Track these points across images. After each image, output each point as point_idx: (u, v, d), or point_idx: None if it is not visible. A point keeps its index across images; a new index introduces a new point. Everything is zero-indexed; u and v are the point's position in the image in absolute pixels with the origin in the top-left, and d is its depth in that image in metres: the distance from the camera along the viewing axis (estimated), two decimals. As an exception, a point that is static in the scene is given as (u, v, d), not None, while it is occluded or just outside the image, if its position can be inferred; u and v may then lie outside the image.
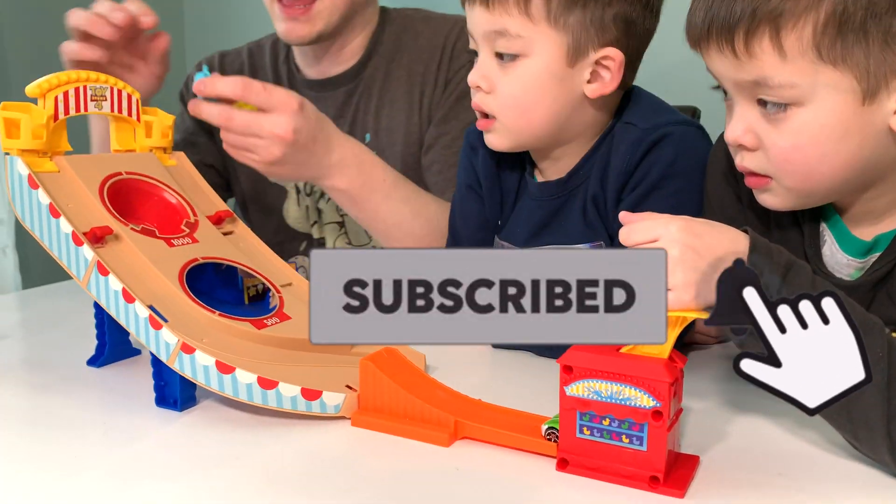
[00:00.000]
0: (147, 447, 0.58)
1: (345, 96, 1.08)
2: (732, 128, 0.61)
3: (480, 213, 0.86)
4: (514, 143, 0.77)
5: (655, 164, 0.72)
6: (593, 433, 0.52)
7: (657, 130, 0.73)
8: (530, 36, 0.71)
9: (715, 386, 0.68)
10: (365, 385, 0.61)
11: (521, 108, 0.73)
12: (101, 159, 0.73)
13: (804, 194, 0.61)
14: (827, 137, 0.57)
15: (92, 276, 0.64)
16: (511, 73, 0.73)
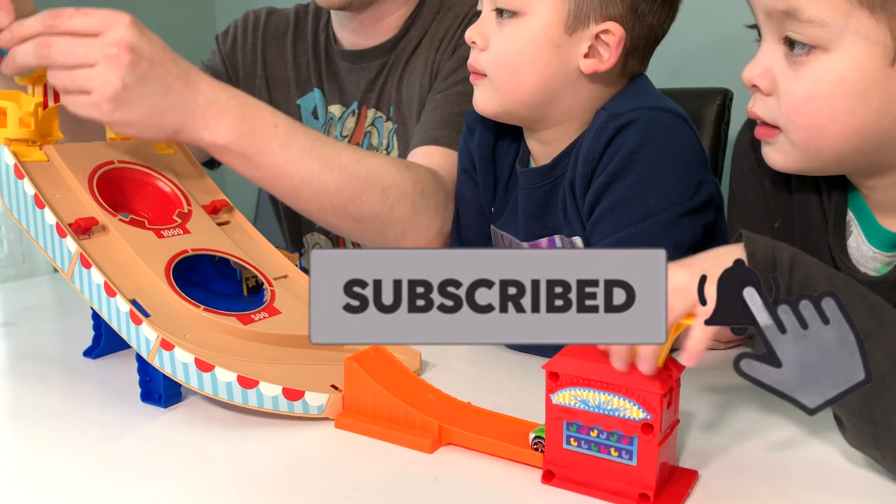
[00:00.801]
0: (126, 444, 0.57)
1: (377, 69, 1.03)
2: (751, 66, 0.58)
3: (475, 197, 0.83)
4: (499, 106, 0.73)
5: (619, 150, 0.68)
6: (581, 445, 0.48)
7: (624, 115, 0.69)
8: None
9: (723, 395, 0.64)
10: (349, 385, 0.59)
11: (511, 68, 0.71)
12: (94, 148, 0.71)
13: (809, 155, 0.56)
14: (845, 93, 0.53)
15: (76, 268, 0.62)
16: (507, 30, 0.71)
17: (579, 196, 0.72)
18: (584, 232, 0.73)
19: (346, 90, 1.05)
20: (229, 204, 0.77)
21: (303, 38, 1.10)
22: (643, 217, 0.68)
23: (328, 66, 1.07)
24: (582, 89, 0.73)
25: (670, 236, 0.69)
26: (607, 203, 0.70)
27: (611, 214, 0.69)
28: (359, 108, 1.05)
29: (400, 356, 0.67)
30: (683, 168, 0.71)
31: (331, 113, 1.06)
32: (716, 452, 0.54)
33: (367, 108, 1.04)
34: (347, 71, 1.05)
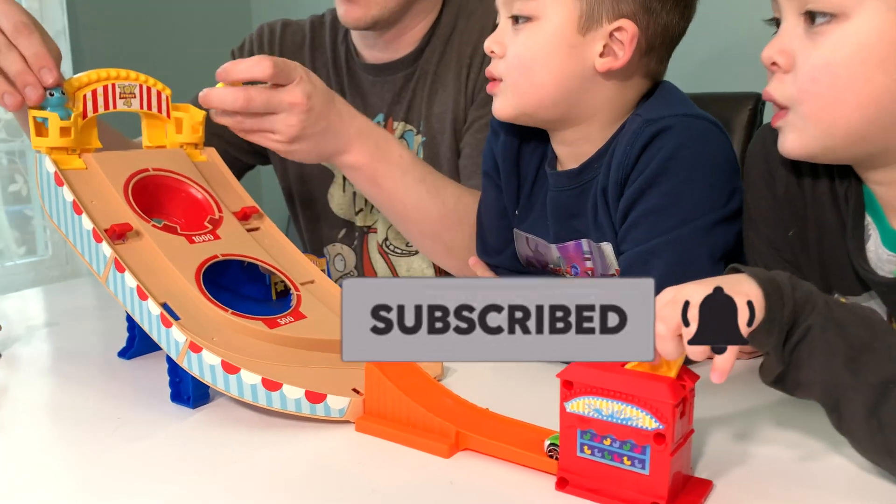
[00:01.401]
0: (154, 443, 0.59)
1: (402, 81, 1.05)
2: (770, 45, 0.58)
3: (498, 200, 0.84)
4: (517, 109, 0.74)
5: (654, 157, 0.69)
6: (594, 453, 0.49)
7: (659, 122, 0.70)
8: (548, 1, 0.70)
9: (743, 405, 0.64)
10: (370, 390, 0.60)
11: (526, 69, 0.72)
12: (130, 156, 0.74)
13: (823, 129, 0.56)
14: (863, 59, 0.53)
15: (110, 272, 0.65)
16: (522, 35, 0.72)
17: (612, 202, 0.73)
18: (614, 238, 0.73)
19: (371, 102, 1.07)
20: (259, 211, 0.79)
21: (321, 51, 1.11)
22: (678, 224, 0.69)
23: (350, 79, 1.09)
24: (599, 88, 0.73)
25: (705, 243, 0.69)
26: (641, 209, 0.70)
27: (645, 221, 0.70)
28: (385, 121, 1.06)
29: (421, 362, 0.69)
30: (717, 176, 0.71)
31: None
32: (733, 462, 0.54)
33: (395, 120, 1.06)
34: (371, 84, 1.07)
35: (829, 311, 0.49)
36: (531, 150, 0.82)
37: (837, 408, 0.49)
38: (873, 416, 0.48)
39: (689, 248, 0.68)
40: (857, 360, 0.48)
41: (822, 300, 0.50)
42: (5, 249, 1.67)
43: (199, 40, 2.00)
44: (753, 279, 0.49)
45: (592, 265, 0.78)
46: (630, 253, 0.70)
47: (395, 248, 1.07)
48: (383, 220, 1.08)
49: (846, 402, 0.49)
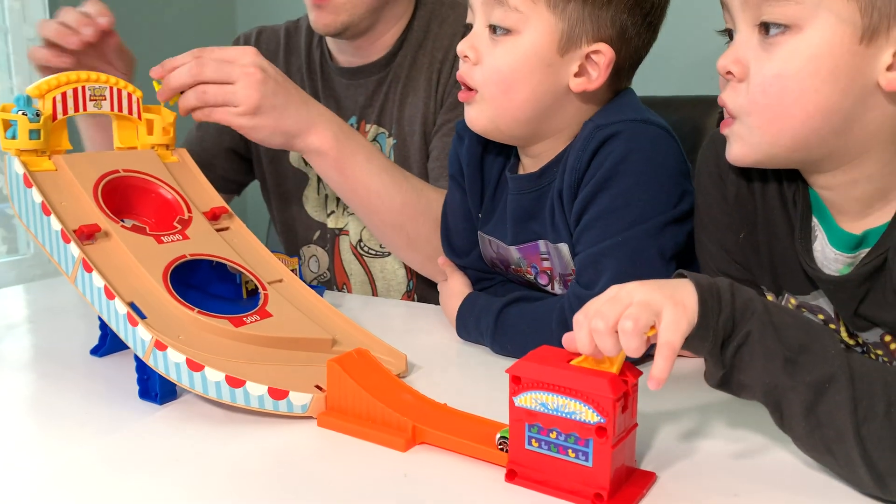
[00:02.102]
0: (120, 437, 0.60)
1: (375, 85, 1.07)
2: (726, 54, 0.60)
3: (463, 202, 0.86)
4: (491, 122, 0.75)
5: (605, 162, 0.70)
6: (541, 446, 0.51)
7: (609, 127, 0.71)
8: (527, 13, 0.70)
9: (693, 401, 0.65)
10: (332, 386, 0.61)
11: (504, 84, 0.72)
12: (100, 157, 0.75)
13: (768, 140, 0.58)
14: (813, 71, 0.55)
15: (78, 272, 0.66)
16: (501, 47, 0.72)
17: (567, 204, 0.75)
18: (570, 239, 0.75)
19: (344, 105, 1.09)
20: (229, 210, 0.80)
21: (295, 55, 1.13)
22: (628, 225, 0.70)
23: (324, 82, 1.10)
24: (569, 106, 0.75)
25: (655, 244, 0.71)
26: (594, 212, 0.72)
27: (597, 223, 0.71)
28: (357, 123, 1.08)
29: (385, 358, 0.71)
30: (667, 178, 0.72)
31: None
32: (678, 456, 0.56)
33: (367, 122, 1.07)
34: (345, 87, 1.09)
35: (768, 316, 0.51)
36: (495, 155, 0.83)
37: (779, 408, 0.51)
38: (811, 415, 0.50)
39: (639, 249, 0.70)
40: (794, 362, 0.50)
41: (762, 305, 0.52)
42: (-12, 248, 1.68)
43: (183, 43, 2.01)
44: (693, 285, 0.51)
45: (550, 265, 0.79)
46: (583, 255, 0.72)
47: (368, 249, 1.09)
48: (355, 221, 1.09)
49: (786, 402, 0.50)
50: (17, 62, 1.66)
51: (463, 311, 0.80)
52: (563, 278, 0.79)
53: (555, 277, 0.80)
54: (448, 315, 0.85)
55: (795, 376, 0.50)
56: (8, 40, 1.66)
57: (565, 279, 0.79)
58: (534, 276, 0.81)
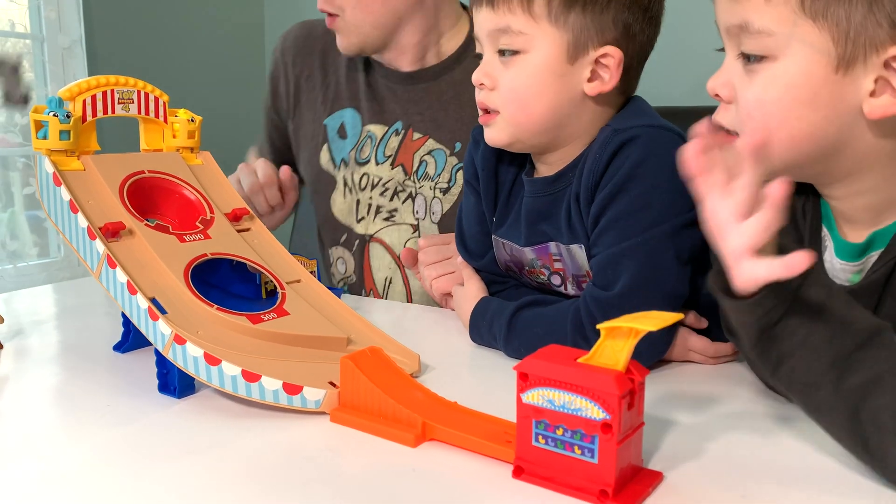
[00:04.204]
0: (137, 429, 0.62)
1: (423, 93, 1.07)
2: (714, 77, 0.61)
3: (477, 206, 0.87)
4: (512, 137, 0.77)
5: (623, 165, 0.71)
6: (548, 442, 0.51)
7: (627, 132, 0.72)
8: (532, 33, 0.73)
9: (708, 403, 0.66)
10: (345, 383, 0.63)
11: (522, 101, 0.75)
12: (126, 159, 0.78)
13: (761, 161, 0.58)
14: (792, 98, 0.56)
15: (103, 268, 0.68)
16: (513, 68, 0.74)
17: (584, 207, 0.75)
18: (587, 241, 0.76)
19: (388, 109, 1.09)
20: (250, 212, 0.82)
21: (332, 56, 1.13)
22: (646, 228, 0.71)
23: (367, 86, 1.10)
24: (586, 111, 0.76)
25: (672, 246, 0.71)
26: (611, 215, 0.72)
27: (615, 225, 0.72)
28: (404, 129, 1.08)
29: (399, 358, 0.72)
30: (683, 183, 0.73)
31: (369, 131, 1.10)
32: (687, 457, 0.56)
33: (414, 129, 1.07)
34: (392, 90, 1.09)
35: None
36: (510, 159, 0.85)
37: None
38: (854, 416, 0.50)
39: (656, 251, 0.70)
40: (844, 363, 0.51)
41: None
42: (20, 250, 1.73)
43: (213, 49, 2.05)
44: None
45: (562, 266, 0.80)
46: (601, 256, 0.72)
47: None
48: (394, 231, 1.08)
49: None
50: (52, 70, 1.71)
51: (476, 314, 0.81)
52: (576, 279, 0.80)
53: (567, 278, 0.80)
54: (462, 318, 0.85)
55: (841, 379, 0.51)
56: (44, 49, 1.71)
57: (579, 280, 0.79)
58: (547, 277, 0.82)
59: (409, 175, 1.06)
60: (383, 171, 1.08)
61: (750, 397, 0.68)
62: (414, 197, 1.06)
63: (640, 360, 0.52)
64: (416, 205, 1.06)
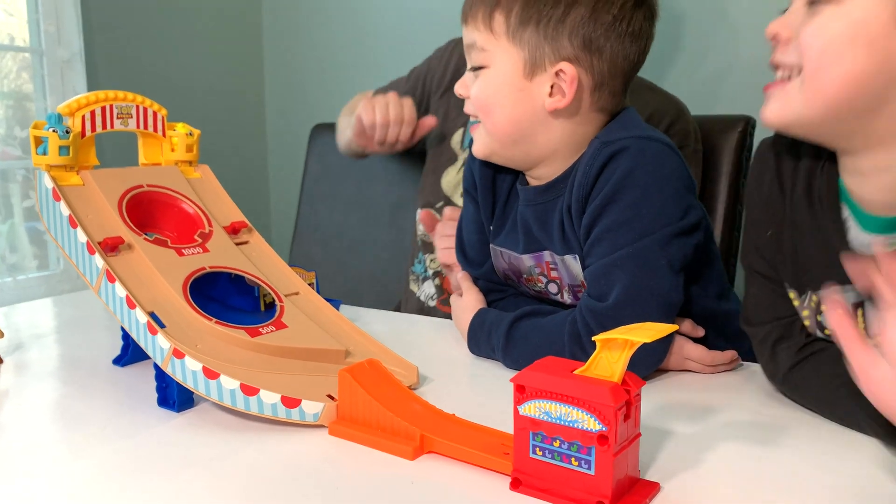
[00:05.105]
0: (136, 444, 0.62)
1: None
2: (774, 23, 0.65)
3: (476, 215, 0.89)
4: (488, 148, 0.81)
5: (612, 176, 0.72)
6: (545, 454, 0.51)
7: (615, 143, 0.73)
8: (492, 49, 0.77)
9: (705, 412, 0.66)
10: (343, 395, 0.63)
11: (486, 109, 0.78)
12: (125, 173, 0.78)
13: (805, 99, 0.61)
14: (852, 38, 0.58)
15: (102, 282, 0.69)
16: (479, 80, 0.79)
17: (576, 219, 0.76)
18: (581, 251, 0.77)
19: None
20: (248, 225, 0.83)
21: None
22: (637, 237, 0.72)
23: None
24: (552, 126, 0.77)
25: (664, 255, 0.72)
26: (603, 225, 0.73)
27: (607, 235, 0.73)
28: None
29: (398, 370, 0.72)
30: (672, 192, 0.74)
31: None
32: (683, 468, 0.56)
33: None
34: None
35: None
36: (506, 172, 0.86)
37: None
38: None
39: (649, 260, 0.71)
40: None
41: None
42: (20, 263, 1.73)
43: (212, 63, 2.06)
44: None
45: (557, 275, 0.81)
46: (595, 266, 0.73)
47: None
48: None
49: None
50: (51, 84, 1.72)
51: (474, 326, 0.81)
52: (572, 289, 0.80)
53: (563, 287, 0.81)
54: (461, 329, 0.86)
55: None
56: (43, 62, 1.72)
57: (574, 289, 0.80)
58: (544, 285, 0.83)
59: None
60: None
61: (747, 407, 0.68)
62: None
63: (638, 370, 0.52)
64: None
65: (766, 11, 1.44)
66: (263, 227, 2.19)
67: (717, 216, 1.20)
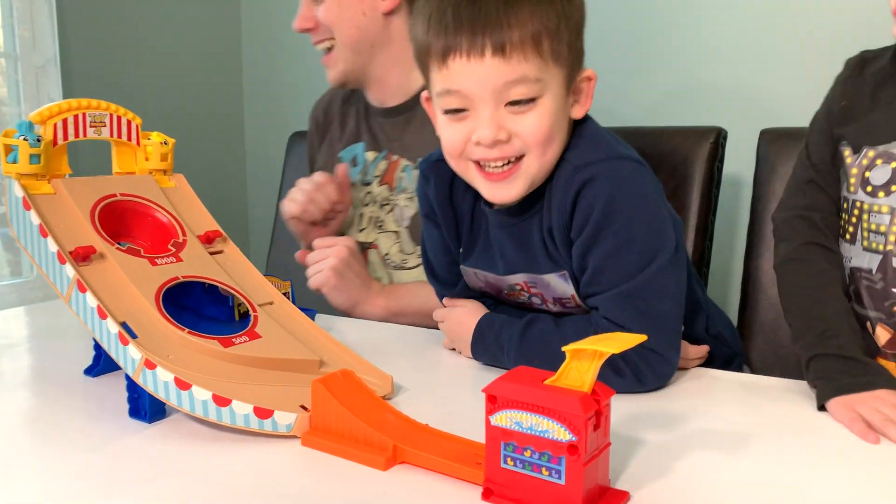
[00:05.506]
0: (107, 454, 0.61)
1: (404, 122, 1.20)
2: None
3: (440, 238, 0.88)
4: (534, 178, 0.75)
5: (594, 205, 0.72)
6: (517, 464, 0.52)
7: (586, 169, 0.73)
8: (546, 77, 0.71)
9: (674, 421, 0.67)
10: (316, 406, 0.63)
11: (545, 144, 0.73)
12: (98, 182, 0.78)
13: None
14: None
15: (73, 292, 0.68)
16: (531, 114, 0.72)
17: (561, 243, 0.76)
18: (570, 264, 0.77)
19: (378, 139, 1.24)
20: (223, 234, 0.82)
21: (350, 104, 1.32)
22: (641, 261, 0.72)
23: (367, 122, 1.27)
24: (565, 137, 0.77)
25: (673, 278, 0.74)
26: (601, 253, 0.73)
27: (608, 262, 0.73)
28: (388, 154, 1.23)
29: (372, 380, 0.72)
30: (654, 206, 0.75)
31: (367, 158, 1.25)
32: (653, 476, 0.56)
33: (393, 153, 1.21)
34: (380, 124, 1.25)
35: None
36: (463, 190, 0.83)
37: None
38: None
39: (662, 287, 0.73)
40: None
41: None
42: (-8, 271, 1.71)
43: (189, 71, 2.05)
44: None
45: (538, 291, 0.81)
46: (606, 297, 0.74)
47: (391, 262, 1.18)
48: (386, 238, 1.20)
49: None
50: (25, 89, 1.70)
51: (481, 328, 0.80)
52: (557, 301, 0.80)
53: (548, 300, 0.81)
54: (458, 338, 0.85)
55: None
56: (18, 68, 1.70)
57: (560, 301, 0.80)
58: (527, 298, 0.83)
59: (392, 191, 1.20)
60: (375, 188, 1.23)
61: (716, 414, 0.69)
62: (393, 208, 1.20)
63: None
64: (396, 214, 1.19)
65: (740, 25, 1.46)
66: (241, 235, 2.17)
67: (690, 226, 1.22)
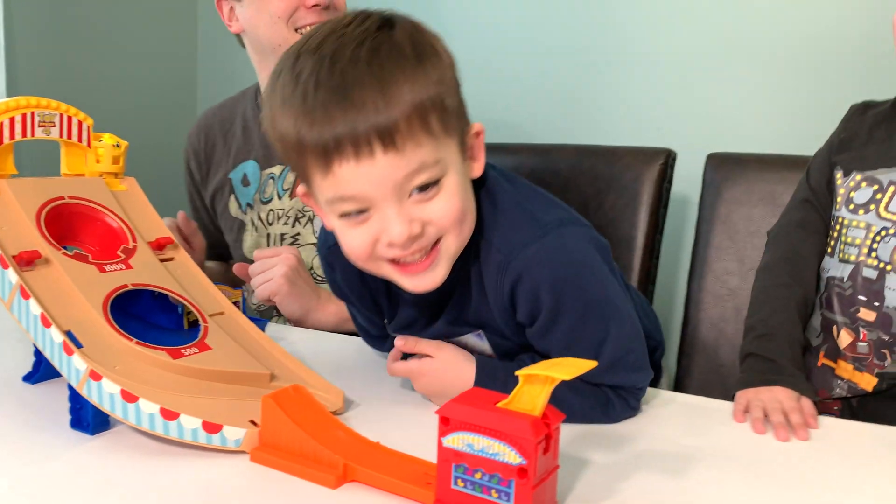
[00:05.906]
0: (48, 468, 0.60)
1: None
2: None
3: (363, 313, 0.85)
4: (453, 259, 0.69)
5: (538, 296, 0.69)
6: (467, 486, 0.52)
7: (516, 259, 0.69)
8: (445, 153, 0.65)
9: (622, 441, 0.68)
10: (266, 421, 0.62)
11: (461, 220, 0.67)
12: (45, 184, 0.75)
13: None
14: None
15: (15, 298, 0.66)
16: (441, 196, 0.65)
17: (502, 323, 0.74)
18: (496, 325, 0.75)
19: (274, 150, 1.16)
20: (174, 241, 0.81)
21: (230, 123, 1.29)
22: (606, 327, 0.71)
23: (261, 137, 1.23)
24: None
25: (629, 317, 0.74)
26: (564, 330, 0.71)
27: (574, 336, 0.71)
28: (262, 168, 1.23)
29: (323, 395, 0.72)
30: (598, 264, 0.73)
31: (270, 173, 1.23)
32: (601, 496, 0.58)
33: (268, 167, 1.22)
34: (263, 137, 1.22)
35: None
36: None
37: None
38: None
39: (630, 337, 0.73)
40: None
41: None
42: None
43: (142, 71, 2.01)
44: None
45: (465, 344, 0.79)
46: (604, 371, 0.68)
47: (318, 276, 1.16)
48: (305, 252, 1.17)
49: None
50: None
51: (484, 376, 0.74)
52: None
53: None
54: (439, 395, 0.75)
55: None
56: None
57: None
58: None
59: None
60: (285, 203, 1.21)
61: (663, 436, 0.71)
62: (312, 219, 1.19)
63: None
64: (315, 225, 1.18)
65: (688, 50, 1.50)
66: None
67: (637, 244, 1.25)
